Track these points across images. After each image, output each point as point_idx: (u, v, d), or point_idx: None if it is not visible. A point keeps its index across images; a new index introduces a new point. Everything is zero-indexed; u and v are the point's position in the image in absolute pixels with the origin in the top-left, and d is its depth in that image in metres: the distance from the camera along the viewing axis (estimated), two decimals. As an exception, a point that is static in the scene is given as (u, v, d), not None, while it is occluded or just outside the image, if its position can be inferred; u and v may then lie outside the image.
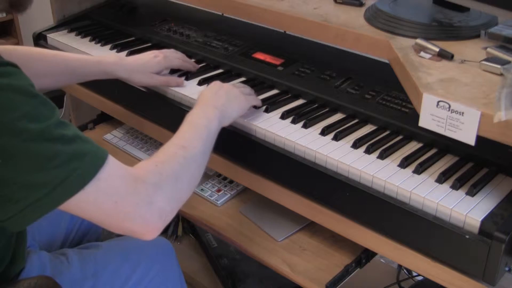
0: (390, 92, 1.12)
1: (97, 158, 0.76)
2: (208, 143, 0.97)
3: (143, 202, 0.80)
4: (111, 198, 0.77)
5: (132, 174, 0.81)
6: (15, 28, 3.08)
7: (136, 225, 0.80)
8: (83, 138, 0.76)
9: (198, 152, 0.92)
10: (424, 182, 0.92)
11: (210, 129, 0.98)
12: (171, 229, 1.78)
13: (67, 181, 0.72)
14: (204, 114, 1.00)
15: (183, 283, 1.15)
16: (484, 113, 0.76)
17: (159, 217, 0.82)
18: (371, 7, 1.14)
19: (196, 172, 0.92)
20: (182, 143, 0.91)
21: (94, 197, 0.75)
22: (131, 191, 0.79)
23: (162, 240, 1.15)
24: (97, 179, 0.75)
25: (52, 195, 0.72)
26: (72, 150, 0.73)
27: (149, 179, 0.82)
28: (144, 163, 0.85)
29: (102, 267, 1.03)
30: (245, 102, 1.10)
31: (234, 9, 1.26)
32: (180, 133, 0.94)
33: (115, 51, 1.48)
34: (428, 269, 0.90)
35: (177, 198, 0.86)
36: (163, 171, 0.84)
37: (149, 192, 0.81)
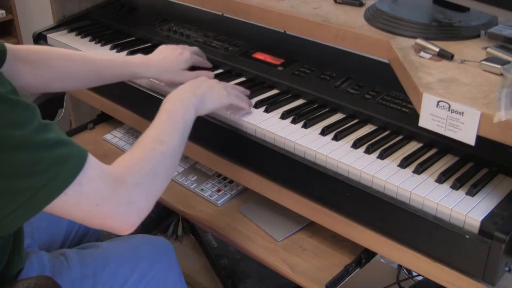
0: (390, 92, 1.12)
1: (78, 162, 0.76)
2: (185, 133, 0.97)
3: (124, 202, 0.82)
4: (93, 201, 0.78)
5: (113, 175, 0.82)
6: (15, 28, 3.08)
7: (116, 224, 0.83)
8: (65, 141, 0.75)
9: (175, 146, 0.93)
10: (424, 182, 0.92)
11: (186, 118, 0.98)
12: (171, 229, 1.78)
13: (48, 186, 0.72)
14: (181, 101, 1.00)
15: (183, 283, 1.15)
16: (484, 113, 0.76)
17: (137, 215, 0.84)
18: (371, 7, 1.14)
19: (173, 165, 0.94)
20: (160, 137, 0.92)
21: (76, 200, 0.76)
22: (112, 193, 0.80)
23: (162, 240, 1.15)
24: (79, 183, 0.75)
25: (33, 200, 0.72)
26: (54, 156, 0.73)
27: (130, 179, 0.83)
28: (123, 161, 0.86)
29: (102, 267, 1.03)
30: (226, 97, 1.10)
31: (234, 9, 1.26)
32: (157, 124, 0.95)
33: (115, 51, 1.48)
34: (428, 269, 0.90)
35: (154, 195, 0.89)
36: (142, 169, 0.85)
37: (130, 193, 0.82)
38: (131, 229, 0.85)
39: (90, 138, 1.65)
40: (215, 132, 1.18)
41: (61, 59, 1.14)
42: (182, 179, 1.41)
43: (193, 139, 1.23)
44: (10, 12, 3.04)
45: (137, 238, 1.19)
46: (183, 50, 1.25)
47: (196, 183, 1.40)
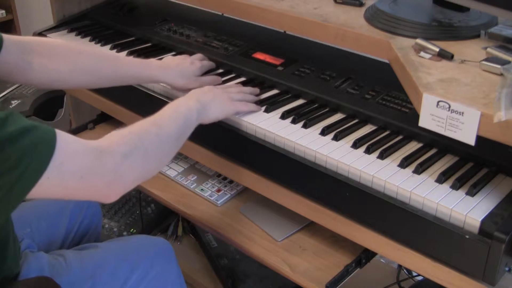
0: (390, 92, 1.12)
1: (48, 144, 0.74)
2: (184, 130, 0.98)
3: (109, 171, 0.81)
4: (76, 175, 0.77)
5: (96, 147, 0.81)
6: (15, 28, 3.08)
7: (101, 193, 0.83)
8: (29, 127, 0.73)
9: (171, 134, 0.94)
10: (424, 182, 0.92)
11: (188, 118, 0.99)
12: (171, 229, 1.78)
13: (23, 178, 0.71)
14: (186, 104, 1.02)
15: (182, 283, 1.15)
16: (484, 113, 0.76)
17: (123, 185, 0.85)
18: (371, 7, 1.14)
19: (166, 152, 0.94)
20: (158, 122, 0.93)
21: (59, 180, 0.76)
22: (96, 163, 0.80)
23: (162, 241, 1.15)
24: (59, 163, 0.74)
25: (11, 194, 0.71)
26: (23, 146, 0.71)
27: (117, 148, 0.83)
28: (114, 134, 0.86)
29: (101, 268, 1.02)
30: (231, 107, 1.10)
31: (234, 9, 1.26)
32: (158, 113, 0.96)
33: (115, 51, 1.48)
34: (428, 269, 0.90)
35: (142, 171, 0.88)
36: (131, 142, 0.85)
37: (116, 161, 0.82)
38: (114, 199, 0.84)
39: (90, 138, 1.64)
40: (215, 132, 1.18)
41: (79, 52, 1.12)
42: (182, 179, 1.41)
43: (193, 139, 1.23)
44: (10, 12, 3.04)
45: (136, 238, 1.19)
46: (193, 60, 1.26)
47: (196, 183, 1.40)
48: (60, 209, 1.23)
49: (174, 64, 1.23)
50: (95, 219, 1.30)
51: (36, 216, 1.17)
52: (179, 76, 1.21)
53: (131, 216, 1.76)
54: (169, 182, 1.42)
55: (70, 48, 1.12)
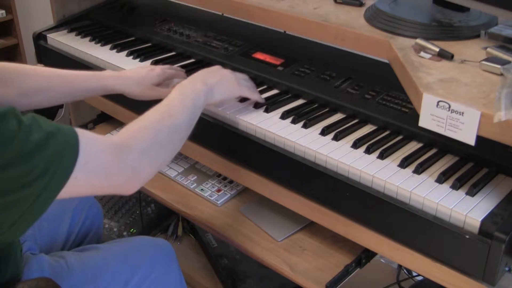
0: (390, 92, 1.12)
1: (72, 149, 0.75)
2: (193, 115, 1.00)
3: (129, 167, 0.84)
4: (101, 174, 0.80)
5: (116, 143, 0.83)
6: (15, 28, 3.08)
7: (121, 187, 0.85)
8: (53, 132, 0.73)
9: (182, 122, 0.96)
10: (424, 182, 0.92)
11: (196, 102, 1.01)
12: (171, 229, 1.78)
13: (50, 185, 0.72)
14: (193, 87, 1.03)
15: (183, 285, 1.15)
16: (484, 113, 0.76)
17: (140, 179, 0.87)
18: (371, 7, 1.14)
19: (178, 141, 0.96)
20: (169, 111, 0.94)
21: (85, 180, 0.77)
22: (118, 161, 0.82)
23: (163, 242, 1.15)
24: (84, 163, 0.76)
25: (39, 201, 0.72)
26: (49, 155, 0.72)
27: (135, 145, 0.85)
28: (129, 128, 0.88)
29: (102, 271, 1.02)
30: (237, 88, 1.12)
31: (234, 9, 1.26)
32: (168, 101, 0.97)
33: (115, 51, 1.48)
34: (428, 269, 0.90)
35: (158, 163, 0.91)
36: (147, 137, 0.88)
37: (134, 158, 0.84)
38: (132, 192, 0.87)
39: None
40: (215, 132, 1.18)
41: (27, 74, 1.10)
42: (182, 179, 1.41)
43: (193, 139, 1.23)
44: (10, 12, 3.03)
45: (137, 240, 1.18)
46: (154, 67, 1.24)
47: (196, 183, 1.40)
48: (62, 210, 1.23)
49: (130, 73, 1.21)
50: (96, 220, 1.29)
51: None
52: (133, 84, 1.19)
53: (131, 216, 1.76)
54: (169, 182, 1.42)
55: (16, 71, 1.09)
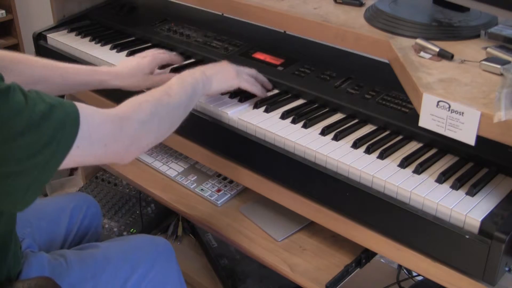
0: (390, 92, 1.12)
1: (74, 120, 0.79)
2: (191, 100, 1.05)
3: (129, 137, 0.88)
4: (101, 143, 0.84)
5: (116, 115, 0.87)
6: (15, 28, 3.08)
7: (120, 156, 0.89)
8: (55, 104, 0.77)
9: (181, 103, 1.00)
10: (424, 182, 0.92)
11: (194, 88, 1.06)
12: (171, 229, 1.78)
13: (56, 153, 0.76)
14: (192, 75, 1.08)
15: (182, 283, 1.15)
16: (484, 113, 0.76)
17: (138, 149, 0.92)
18: (371, 7, 1.14)
19: (176, 119, 1.00)
20: (168, 91, 0.99)
21: (88, 148, 0.81)
22: (118, 131, 0.86)
23: (162, 240, 1.15)
24: (88, 133, 0.80)
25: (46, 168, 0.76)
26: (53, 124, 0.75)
27: (134, 115, 0.89)
28: (129, 102, 0.92)
29: (101, 268, 1.02)
30: (235, 80, 1.15)
31: (234, 9, 1.26)
32: (167, 84, 1.02)
33: (115, 51, 1.48)
34: (428, 269, 0.90)
35: (156, 136, 0.95)
36: (147, 109, 0.92)
37: (134, 128, 0.89)
38: (130, 160, 0.91)
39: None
40: (215, 132, 1.18)
41: (25, 64, 1.11)
42: (182, 179, 1.41)
43: (193, 139, 1.24)
44: (10, 12, 3.04)
45: (136, 238, 1.19)
46: (145, 54, 1.27)
47: (196, 183, 1.40)
48: (60, 209, 1.23)
49: (121, 66, 1.23)
50: (95, 219, 1.30)
51: (36, 216, 1.17)
52: (129, 77, 1.21)
53: (131, 216, 1.76)
54: (169, 182, 1.42)
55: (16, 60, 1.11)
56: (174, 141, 1.28)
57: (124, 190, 1.85)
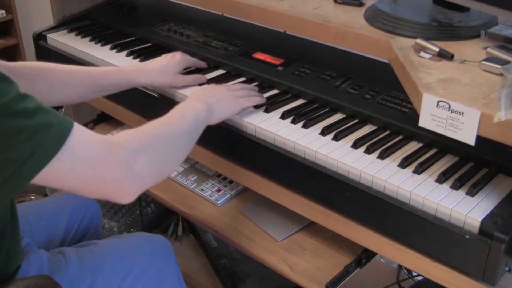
0: (390, 92, 1.12)
1: (62, 127, 0.75)
2: (194, 130, 0.99)
3: (120, 165, 0.81)
4: (87, 164, 0.77)
5: (107, 140, 0.82)
6: (15, 28, 3.08)
7: (112, 189, 0.81)
8: (46, 109, 0.75)
9: (182, 133, 0.94)
10: (424, 182, 0.92)
11: (196, 119, 1.00)
12: (171, 229, 1.78)
13: (35, 154, 0.72)
14: (192, 106, 1.02)
15: (181, 281, 1.15)
16: (484, 113, 0.76)
17: (135, 180, 0.83)
18: (371, 7, 1.14)
19: (177, 151, 0.94)
20: (167, 122, 0.94)
21: (70, 165, 0.76)
22: (107, 155, 0.80)
23: (160, 238, 1.15)
24: (71, 147, 0.75)
25: (22, 170, 0.72)
26: (37, 123, 0.72)
27: (127, 144, 0.83)
28: (123, 132, 0.87)
29: (100, 265, 1.03)
30: (236, 106, 1.12)
31: (234, 9, 1.26)
32: (167, 115, 0.96)
33: (115, 51, 1.48)
34: (428, 269, 0.90)
35: (156, 168, 0.87)
36: (142, 139, 0.86)
37: (126, 156, 0.82)
38: (130, 197, 0.83)
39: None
40: (215, 132, 1.18)
41: (55, 70, 1.13)
42: (182, 179, 1.41)
43: (193, 139, 1.24)
44: (10, 12, 3.03)
45: (135, 236, 1.19)
46: (174, 54, 1.27)
47: (196, 183, 1.40)
48: (60, 208, 1.23)
49: (151, 64, 1.24)
50: (95, 218, 1.30)
51: (35, 215, 1.17)
52: (158, 74, 1.22)
53: (131, 216, 1.76)
54: (169, 182, 1.42)
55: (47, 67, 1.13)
56: (174, 141, 1.28)
57: (124, 190, 1.85)
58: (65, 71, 1.15)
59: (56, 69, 1.14)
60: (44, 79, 1.11)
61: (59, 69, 1.15)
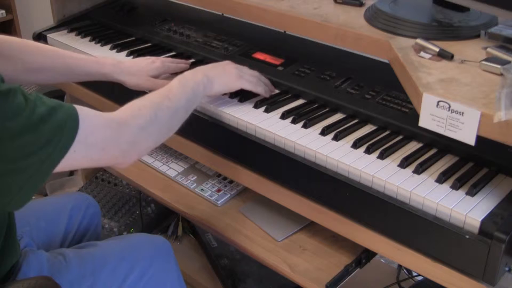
0: (390, 92, 1.12)
1: (72, 121, 0.79)
2: (192, 102, 1.04)
3: (128, 142, 0.88)
4: (99, 147, 0.84)
5: (115, 120, 0.87)
6: (15, 28, 3.08)
7: (119, 161, 0.89)
8: (55, 107, 0.78)
9: (181, 106, 1.00)
10: (424, 182, 0.92)
11: (195, 90, 1.05)
12: (171, 229, 1.78)
13: (52, 155, 0.77)
14: (193, 77, 1.07)
15: (181, 281, 1.15)
16: (484, 113, 0.76)
17: (138, 153, 0.92)
18: (371, 7, 1.14)
19: (176, 122, 1.00)
20: (168, 95, 0.99)
21: (84, 152, 0.81)
22: (116, 135, 0.86)
23: (160, 239, 1.15)
24: (84, 137, 0.80)
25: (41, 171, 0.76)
26: (52, 126, 0.76)
27: (133, 122, 0.89)
28: (128, 107, 0.92)
29: (100, 266, 1.03)
30: (237, 81, 1.14)
31: (234, 9, 1.26)
32: (168, 86, 1.02)
33: (115, 51, 1.48)
34: (428, 269, 0.90)
35: (155, 140, 0.95)
36: (146, 115, 0.92)
37: (133, 133, 0.89)
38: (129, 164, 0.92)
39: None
40: (215, 132, 1.18)
41: (33, 52, 1.16)
42: (182, 179, 1.41)
43: (193, 139, 1.24)
44: (10, 12, 3.04)
45: (135, 237, 1.19)
46: (155, 59, 1.28)
47: (196, 183, 1.40)
48: (59, 209, 1.23)
49: (128, 63, 1.26)
50: (94, 219, 1.30)
51: (35, 215, 1.17)
52: (130, 74, 1.23)
53: (131, 216, 1.76)
54: (169, 182, 1.42)
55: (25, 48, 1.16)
56: (174, 141, 1.28)
57: (124, 190, 1.85)
58: (42, 54, 1.17)
59: (37, 51, 1.17)
60: (21, 60, 1.14)
61: (40, 52, 1.17)
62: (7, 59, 1.11)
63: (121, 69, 1.23)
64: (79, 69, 1.21)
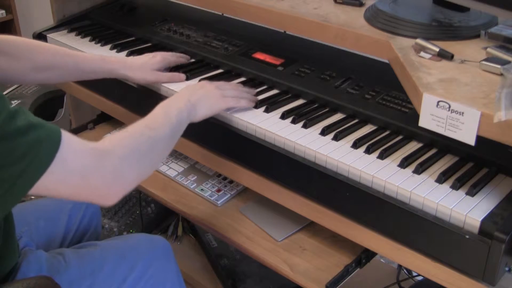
0: (390, 92, 1.12)
1: (53, 141, 0.76)
2: (176, 130, 1.00)
3: (110, 172, 0.83)
4: (79, 174, 0.79)
5: (97, 149, 0.84)
6: (15, 28, 3.08)
7: (102, 195, 0.84)
8: (36, 124, 0.75)
9: (164, 136, 0.96)
10: (424, 182, 0.92)
11: (179, 119, 1.01)
12: (171, 229, 1.78)
13: (27, 172, 0.73)
14: (176, 104, 1.03)
15: (181, 281, 1.15)
16: (484, 113, 0.76)
17: (123, 186, 0.87)
18: (371, 7, 1.14)
19: (160, 153, 0.97)
20: (150, 125, 0.95)
21: (62, 176, 0.77)
22: (98, 164, 0.82)
23: (160, 239, 1.15)
24: (63, 159, 0.76)
25: (15, 188, 0.73)
26: (29, 140, 0.73)
27: (115, 152, 0.85)
28: (110, 137, 0.89)
29: (100, 266, 1.03)
30: (222, 102, 1.12)
31: (234, 9, 1.26)
32: (150, 116, 0.98)
33: (115, 51, 1.48)
34: (428, 269, 0.90)
35: (138, 172, 0.90)
36: (129, 144, 0.88)
37: (115, 163, 0.84)
38: (115, 201, 0.86)
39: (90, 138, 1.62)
40: (215, 132, 1.18)
41: (37, 51, 1.17)
42: (182, 179, 1.41)
43: (193, 139, 1.24)
44: (10, 12, 3.04)
45: (135, 237, 1.19)
46: (156, 53, 1.31)
47: (196, 183, 1.40)
48: (59, 208, 1.23)
49: (132, 59, 1.29)
50: (94, 219, 1.30)
51: (34, 215, 1.17)
52: (136, 69, 1.26)
53: (131, 216, 1.76)
54: (169, 182, 1.42)
55: (32, 47, 1.17)
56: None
57: (124, 190, 1.85)
58: (50, 53, 1.19)
59: (41, 50, 1.18)
60: (29, 59, 1.14)
61: (45, 50, 1.18)
62: (15, 58, 1.12)
63: (126, 64, 1.26)
64: (87, 67, 1.22)
